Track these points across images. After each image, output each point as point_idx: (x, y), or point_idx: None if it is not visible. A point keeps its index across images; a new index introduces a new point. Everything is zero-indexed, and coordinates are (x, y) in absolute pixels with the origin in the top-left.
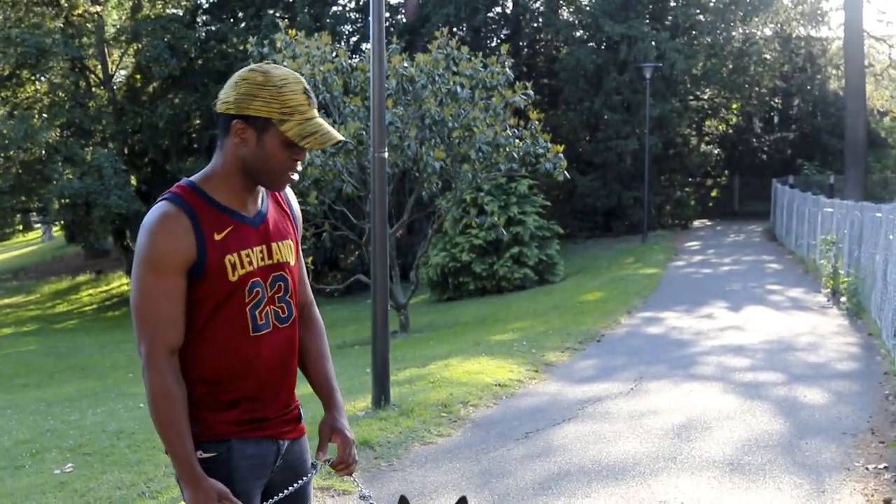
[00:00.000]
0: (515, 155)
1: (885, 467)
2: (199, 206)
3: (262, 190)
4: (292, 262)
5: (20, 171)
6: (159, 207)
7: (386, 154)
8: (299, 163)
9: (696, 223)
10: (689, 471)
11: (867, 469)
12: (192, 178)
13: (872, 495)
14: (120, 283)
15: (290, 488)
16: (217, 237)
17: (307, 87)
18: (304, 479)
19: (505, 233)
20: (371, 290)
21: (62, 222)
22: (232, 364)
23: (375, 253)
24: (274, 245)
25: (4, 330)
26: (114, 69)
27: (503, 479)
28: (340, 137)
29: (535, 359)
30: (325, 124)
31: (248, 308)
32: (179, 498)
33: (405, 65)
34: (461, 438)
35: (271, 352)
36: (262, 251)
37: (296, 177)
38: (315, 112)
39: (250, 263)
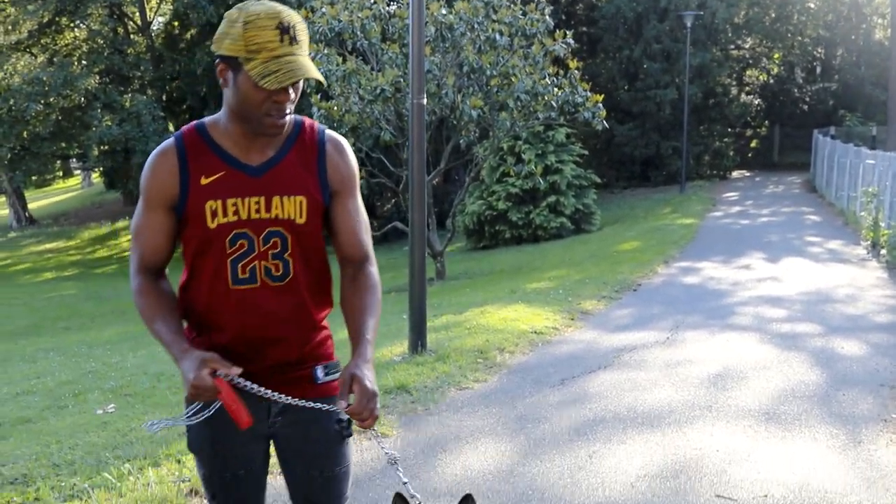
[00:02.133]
0: (554, 103)
1: None
2: (197, 147)
3: (284, 137)
4: (299, 220)
5: (60, 117)
6: (162, 143)
7: (425, 101)
8: (284, 105)
9: (735, 174)
10: (725, 419)
11: None
12: (204, 119)
13: None
14: None
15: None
16: (204, 181)
17: (287, 23)
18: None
19: (542, 181)
20: (409, 237)
21: (102, 168)
22: (211, 312)
23: (413, 199)
24: (275, 199)
25: (46, 274)
26: (152, 16)
27: (539, 424)
28: (306, 74)
29: (571, 307)
30: (298, 61)
31: (228, 259)
32: None
33: (444, 12)
34: (497, 384)
35: (254, 308)
36: (257, 203)
37: (282, 121)
38: (290, 49)
39: (235, 213)
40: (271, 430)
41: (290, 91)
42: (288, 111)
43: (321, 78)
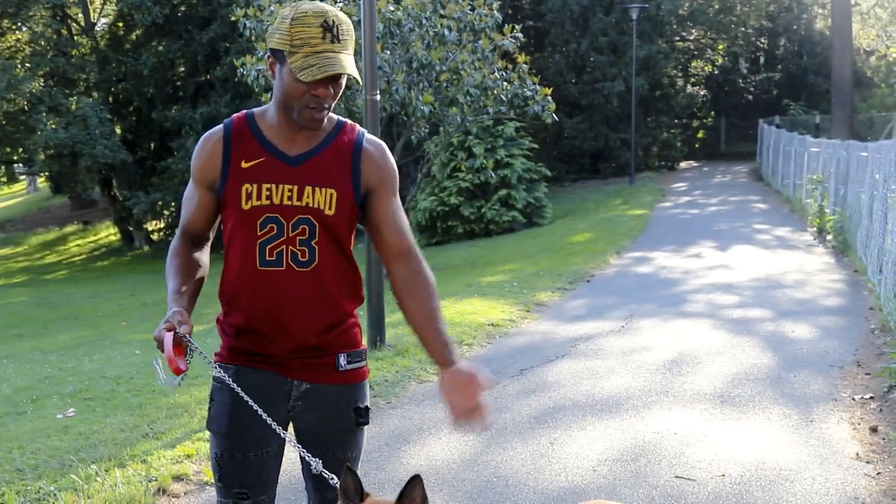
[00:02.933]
0: (504, 97)
1: (871, 397)
2: (242, 133)
3: (325, 133)
4: (328, 211)
5: (4, 121)
6: (213, 128)
7: (378, 97)
8: (323, 100)
9: (683, 164)
10: (681, 403)
11: (853, 399)
12: (255, 109)
13: (859, 423)
14: (108, 233)
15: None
16: (244, 165)
17: (331, 22)
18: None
19: (493, 176)
20: (364, 234)
21: (48, 173)
22: (239, 290)
23: None
24: (307, 188)
25: None
26: (96, 17)
27: (500, 413)
28: (343, 70)
29: (526, 299)
30: (337, 58)
31: (258, 241)
32: (183, 438)
33: (391, 8)
34: None
35: (278, 291)
36: (290, 190)
37: (320, 115)
38: (332, 46)
39: (268, 198)
40: (290, 413)
41: (330, 87)
42: (326, 105)
43: (357, 76)
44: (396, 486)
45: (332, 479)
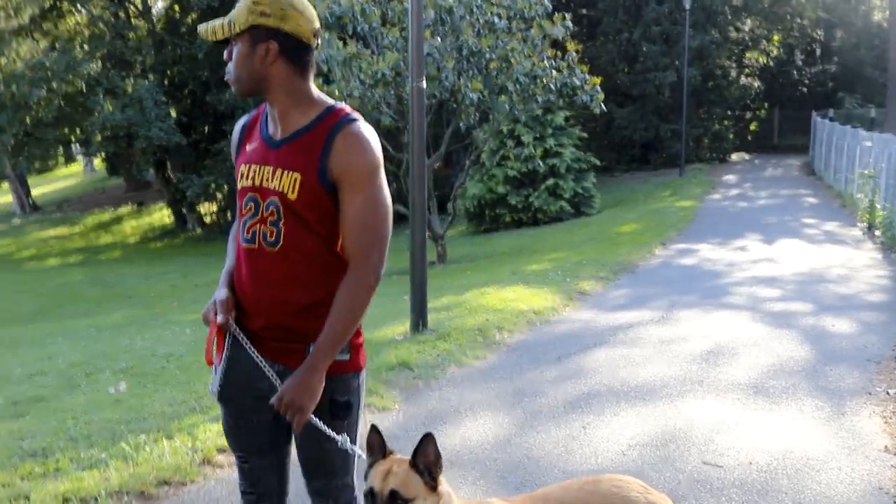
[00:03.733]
0: (553, 87)
1: None
2: (256, 118)
3: (308, 119)
4: (290, 195)
5: (62, 103)
6: None
7: (424, 84)
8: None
9: (734, 156)
10: (715, 392)
11: (888, 394)
12: None
13: (891, 418)
14: (161, 214)
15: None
16: (248, 147)
17: None
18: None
19: (541, 165)
20: (409, 220)
21: (104, 154)
22: (236, 266)
23: (414, 182)
24: (279, 171)
25: (51, 261)
26: (153, 0)
27: (536, 398)
28: (201, 32)
29: (569, 288)
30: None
31: (241, 218)
32: None
33: None
34: (496, 361)
35: (252, 268)
36: (268, 172)
37: (228, 79)
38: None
39: (251, 178)
40: (272, 394)
41: (225, 52)
42: (227, 70)
43: (202, 32)
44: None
45: (356, 452)
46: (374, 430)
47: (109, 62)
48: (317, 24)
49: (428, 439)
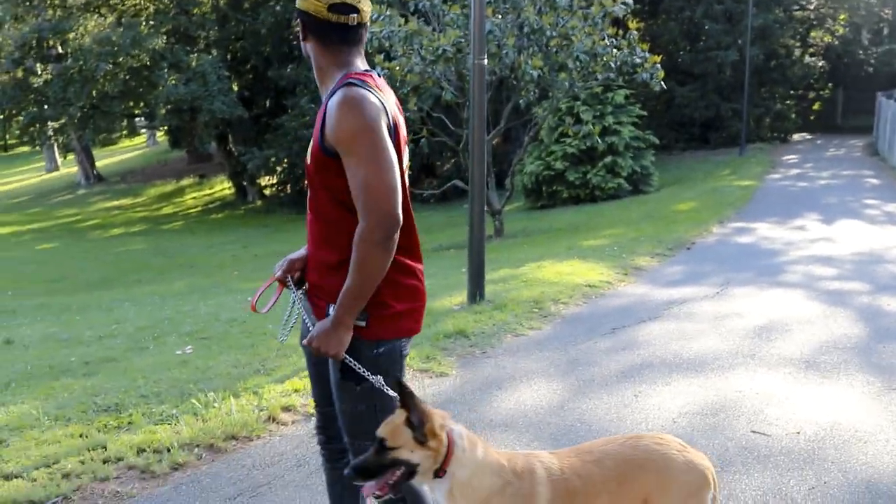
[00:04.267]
0: (613, 64)
1: None
2: None
3: (330, 88)
4: (308, 160)
5: (128, 76)
6: None
7: (486, 61)
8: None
9: (796, 136)
10: (766, 366)
11: None
12: None
13: None
14: (222, 186)
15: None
16: None
17: None
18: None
19: (600, 142)
20: (469, 194)
21: (167, 127)
22: None
23: (473, 157)
24: (310, 142)
25: (114, 230)
26: None
27: (588, 367)
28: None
29: (625, 263)
30: None
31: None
32: (292, 374)
33: None
34: (551, 331)
35: (308, 231)
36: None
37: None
38: None
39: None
40: None
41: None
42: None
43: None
44: (486, 427)
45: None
46: (397, 383)
47: (174, 37)
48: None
49: (412, 399)
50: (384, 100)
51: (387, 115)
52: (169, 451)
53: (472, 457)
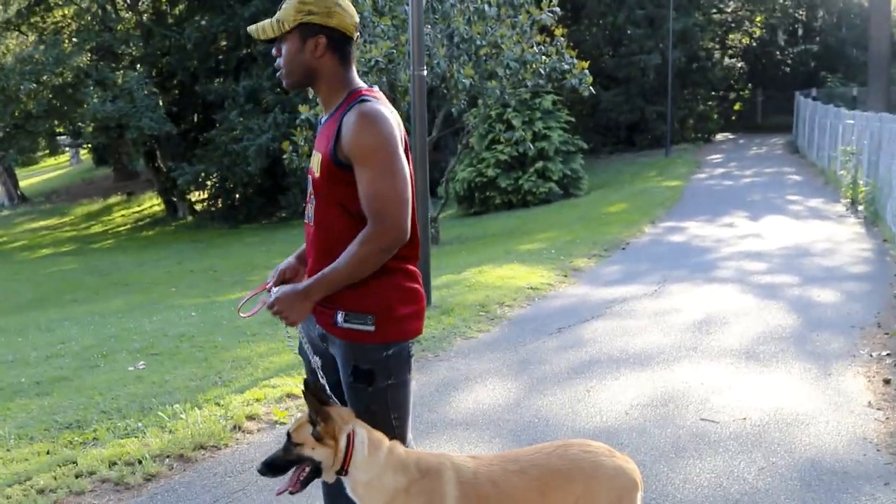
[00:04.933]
0: (542, 71)
1: (888, 354)
2: None
3: (336, 103)
4: (316, 173)
5: (52, 95)
6: None
7: (425, 72)
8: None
9: (719, 136)
10: (709, 358)
11: (871, 356)
12: None
13: (874, 377)
14: (151, 203)
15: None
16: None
17: None
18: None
19: (531, 147)
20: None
21: (91, 145)
22: None
23: (416, 166)
24: (315, 153)
25: (43, 251)
26: None
27: (540, 366)
28: (251, 31)
29: (563, 265)
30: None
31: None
32: (250, 385)
33: None
34: (499, 333)
35: (307, 242)
36: (313, 155)
37: (279, 74)
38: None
39: (310, 161)
40: (328, 351)
41: (273, 49)
42: (276, 66)
43: (254, 33)
44: (447, 426)
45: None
46: (305, 385)
47: (98, 54)
48: (357, 18)
49: (307, 396)
50: (394, 115)
51: (398, 129)
52: (140, 462)
53: (373, 459)
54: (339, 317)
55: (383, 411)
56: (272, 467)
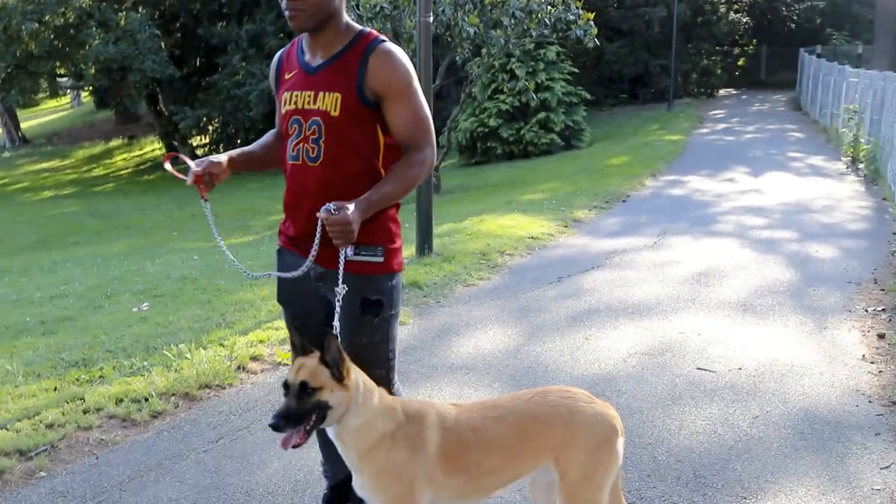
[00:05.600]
0: (547, 21)
1: (883, 309)
2: (290, 51)
3: (339, 45)
4: (333, 112)
5: (53, 36)
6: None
7: (431, 19)
8: (290, 4)
9: (722, 92)
10: (707, 309)
11: (866, 311)
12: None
13: (868, 331)
14: (153, 147)
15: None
16: (286, 76)
17: None
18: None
19: (534, 98)
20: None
21: (93, 87)
22: (285, 181)
23: None
24: (320, 93)
25: (45, 193)
26: None
27: (539, 314)
28: None
29: (564, 216)
30: None
31: (287, 139)
32: (254, 327)
33: None
34: (500, 281)
35: (294, 182)
36: (309, 95)
37: (294, 17)
38: None
39: (294, 103)
40: (320, 292)
41: None
42: (298, 9)
43: None
44: (448, 370)
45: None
46: (295, 331)
47: None
48: None
49: (330, 338)
50: None
51: None
52: (147, 400)
53: (368, 404)
54: (350, 250)
55: (384, 342)
56: (290, 418)
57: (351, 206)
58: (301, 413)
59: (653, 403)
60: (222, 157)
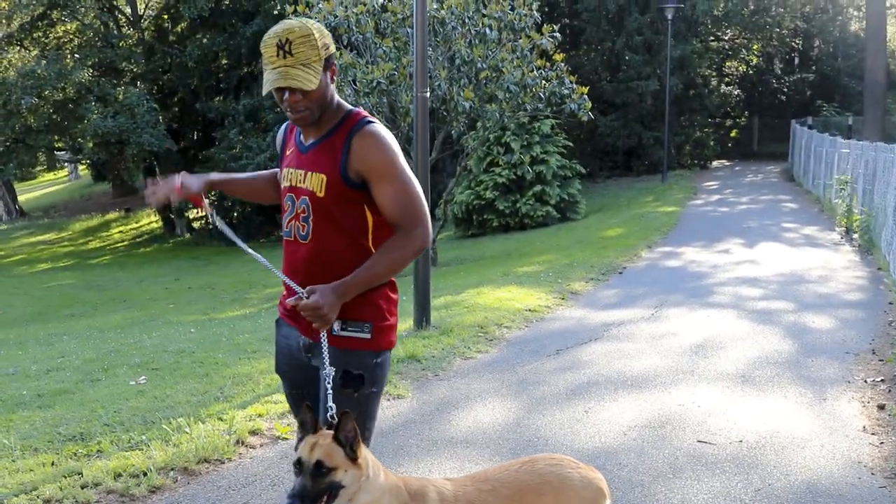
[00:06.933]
0: (542, 95)
1: (882, 380)
2: (292, 126)
3: (330, 126)
4: (319, 193)
5: (52, 110)
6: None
7: (428, 94)
8: (290, 104)
9: (715, 163)
10: (705, 382)
11: (865, 382)
12: None
13: (868, 402)
14: (149, 220)
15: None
16: (287, 152)
17: (283, 40)
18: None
19: (530, 171)
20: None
21: (90, 161)
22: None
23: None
24: (309, 173)
25: (41, 265)
26: (142, 9)
27: (538, 386)
28: (281, 84)
29: (561, 288)
30: (286, 72)
31: (283, 214)
32: (252, 401)
33: (435, 6)
34: (498, 354)
35: (289, 258)
36: (301, 174)
37: (297, 116)
38: (283, 62)
39: (289, 180)
40: (311, 363)
41: (287, 94)
42: (299, 109)
43: (303, 86)
44: (448, 445)
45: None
46: (306, 408)
47: (100, 70)
48: None
49: (346, 416)
50: None
51: None
52: (145, 474)
53: (376, 481)
54: (337, 325)
55: (361, 419)
56: (305, 499)
57: (325, 290)
58: (316, 494)
59: (654, 477)
60: (198, 181)
